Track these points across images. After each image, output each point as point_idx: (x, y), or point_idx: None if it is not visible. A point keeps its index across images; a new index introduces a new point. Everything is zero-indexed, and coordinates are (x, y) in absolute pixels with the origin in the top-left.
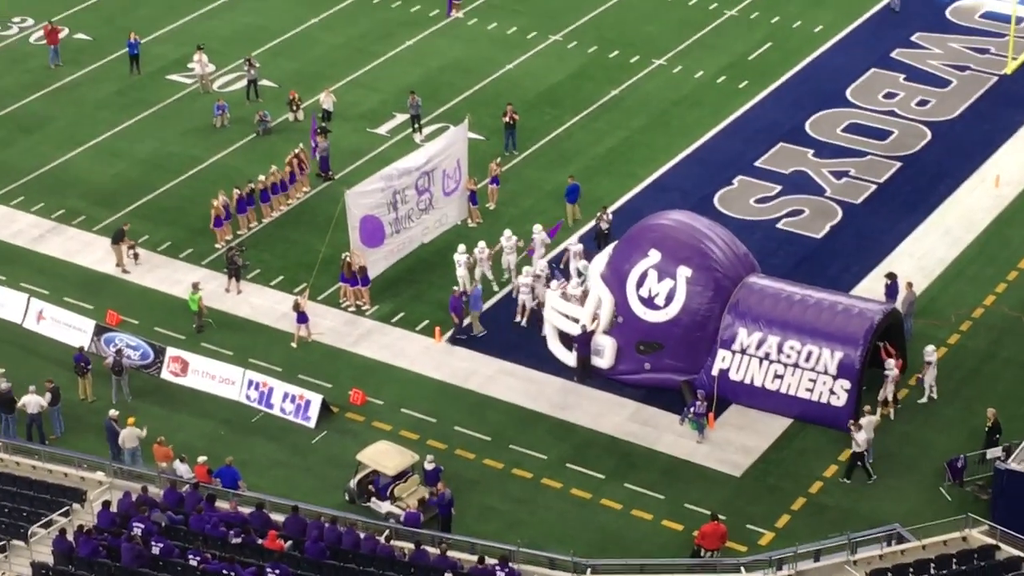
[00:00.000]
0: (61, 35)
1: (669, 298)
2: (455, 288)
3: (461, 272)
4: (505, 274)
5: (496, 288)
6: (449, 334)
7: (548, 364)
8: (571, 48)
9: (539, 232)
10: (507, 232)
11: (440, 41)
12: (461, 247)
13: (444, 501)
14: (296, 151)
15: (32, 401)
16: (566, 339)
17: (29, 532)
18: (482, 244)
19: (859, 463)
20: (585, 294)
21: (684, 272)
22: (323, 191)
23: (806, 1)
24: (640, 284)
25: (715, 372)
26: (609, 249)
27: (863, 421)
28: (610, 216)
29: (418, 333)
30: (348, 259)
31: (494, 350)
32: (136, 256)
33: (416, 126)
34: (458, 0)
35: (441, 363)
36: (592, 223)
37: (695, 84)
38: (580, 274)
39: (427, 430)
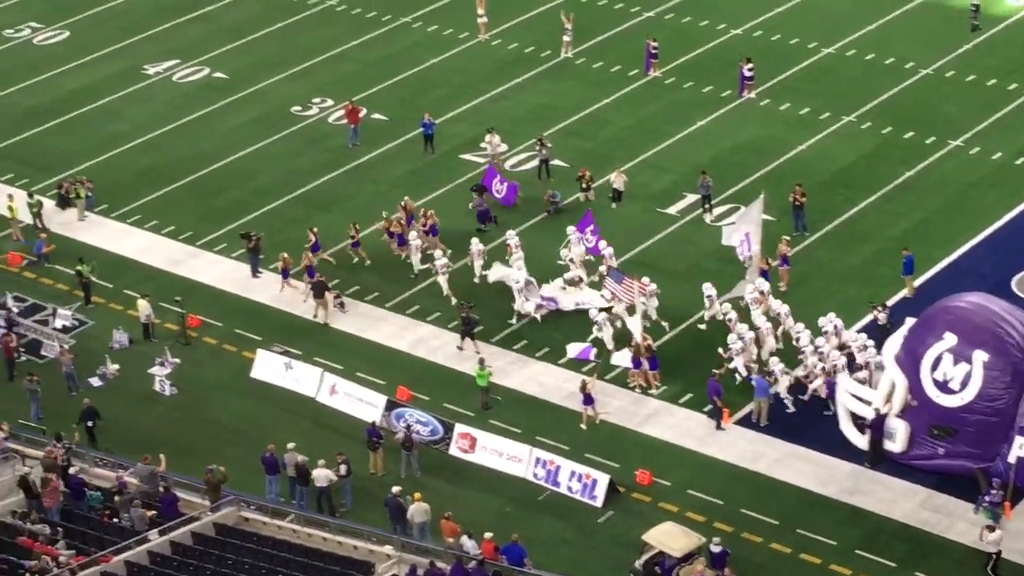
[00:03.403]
0: (360, 115)
1: (964, 382)
2: (715, 371)
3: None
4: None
5: None
6: (715, 421)
7: (838, 448)
8: (865, 128)
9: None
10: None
11: (732, 121)
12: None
13: None
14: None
15: (321, 475)
16: (858, 422)
17: None
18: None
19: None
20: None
21: (981, 356)
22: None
23: None
24: (935, 367)
25: (1012, 460)
26: (904, 330)
27: None
28: (886, 316)
29: (706, 414)
30: (637, 342)
31: (782, 433)
32: (342, 305)
33: (707, 206)
34: (751, 80)
35: (728, 445)
36: (869, 317)
37: (993, 166)
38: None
39: (714, 512)
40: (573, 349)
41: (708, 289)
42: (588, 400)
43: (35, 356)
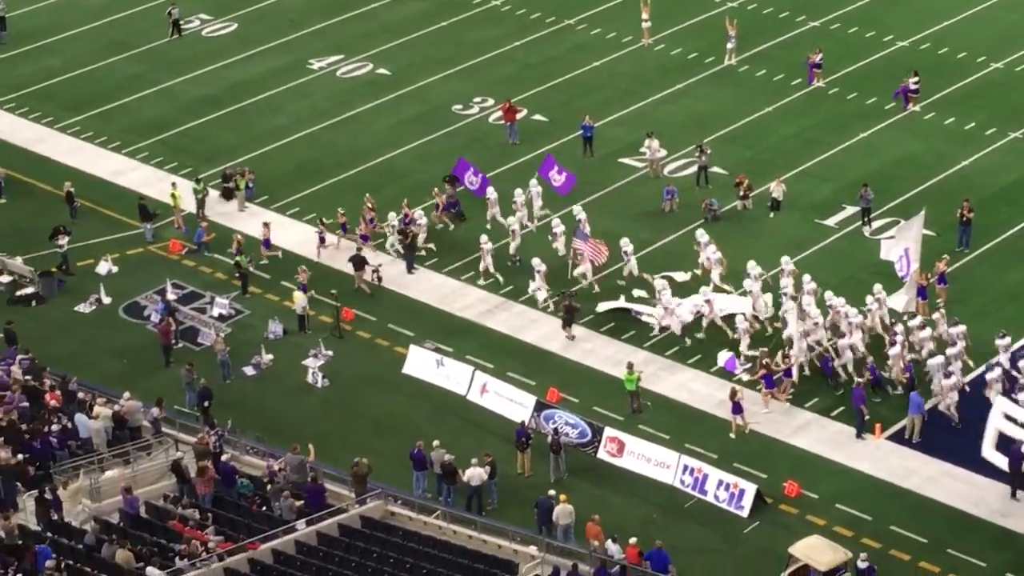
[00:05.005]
0: (519, 115)
1: None
2: (859, 380)
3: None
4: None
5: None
6: (857, 430)
7: (991, 469)
8: None
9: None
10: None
11: (895, 134)
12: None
13: None
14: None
15: (475, 474)
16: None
17: None
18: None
19: None
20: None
21: None
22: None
23: None
24: None
25: None
26: None
27: None
28: None
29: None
30: (766, 361)
31: (935, 451)
32: (380, 279)
33: (866, 219)
34: (916, 93)
35: (880, 460)
36: (1019, 344)
37: None
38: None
39: (862, 527)
40: (723, 357)
41: (707, 294)
42: (738, 409)
43: (191, 343)
